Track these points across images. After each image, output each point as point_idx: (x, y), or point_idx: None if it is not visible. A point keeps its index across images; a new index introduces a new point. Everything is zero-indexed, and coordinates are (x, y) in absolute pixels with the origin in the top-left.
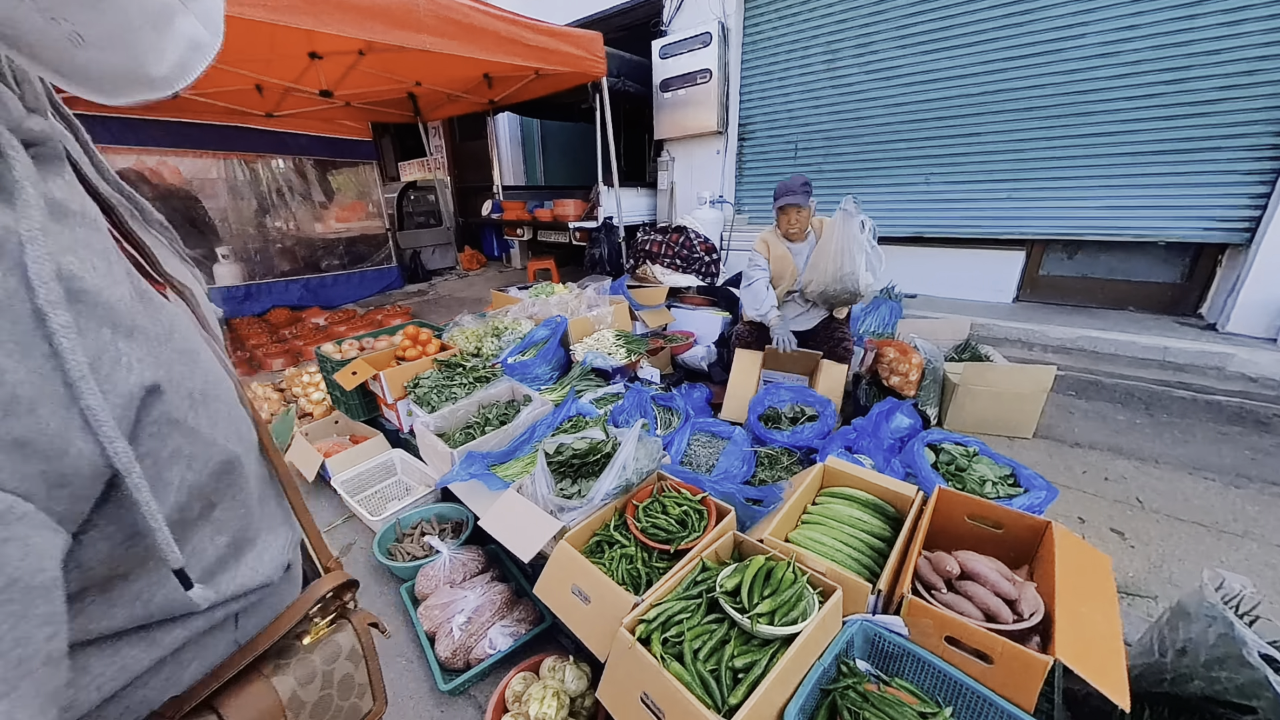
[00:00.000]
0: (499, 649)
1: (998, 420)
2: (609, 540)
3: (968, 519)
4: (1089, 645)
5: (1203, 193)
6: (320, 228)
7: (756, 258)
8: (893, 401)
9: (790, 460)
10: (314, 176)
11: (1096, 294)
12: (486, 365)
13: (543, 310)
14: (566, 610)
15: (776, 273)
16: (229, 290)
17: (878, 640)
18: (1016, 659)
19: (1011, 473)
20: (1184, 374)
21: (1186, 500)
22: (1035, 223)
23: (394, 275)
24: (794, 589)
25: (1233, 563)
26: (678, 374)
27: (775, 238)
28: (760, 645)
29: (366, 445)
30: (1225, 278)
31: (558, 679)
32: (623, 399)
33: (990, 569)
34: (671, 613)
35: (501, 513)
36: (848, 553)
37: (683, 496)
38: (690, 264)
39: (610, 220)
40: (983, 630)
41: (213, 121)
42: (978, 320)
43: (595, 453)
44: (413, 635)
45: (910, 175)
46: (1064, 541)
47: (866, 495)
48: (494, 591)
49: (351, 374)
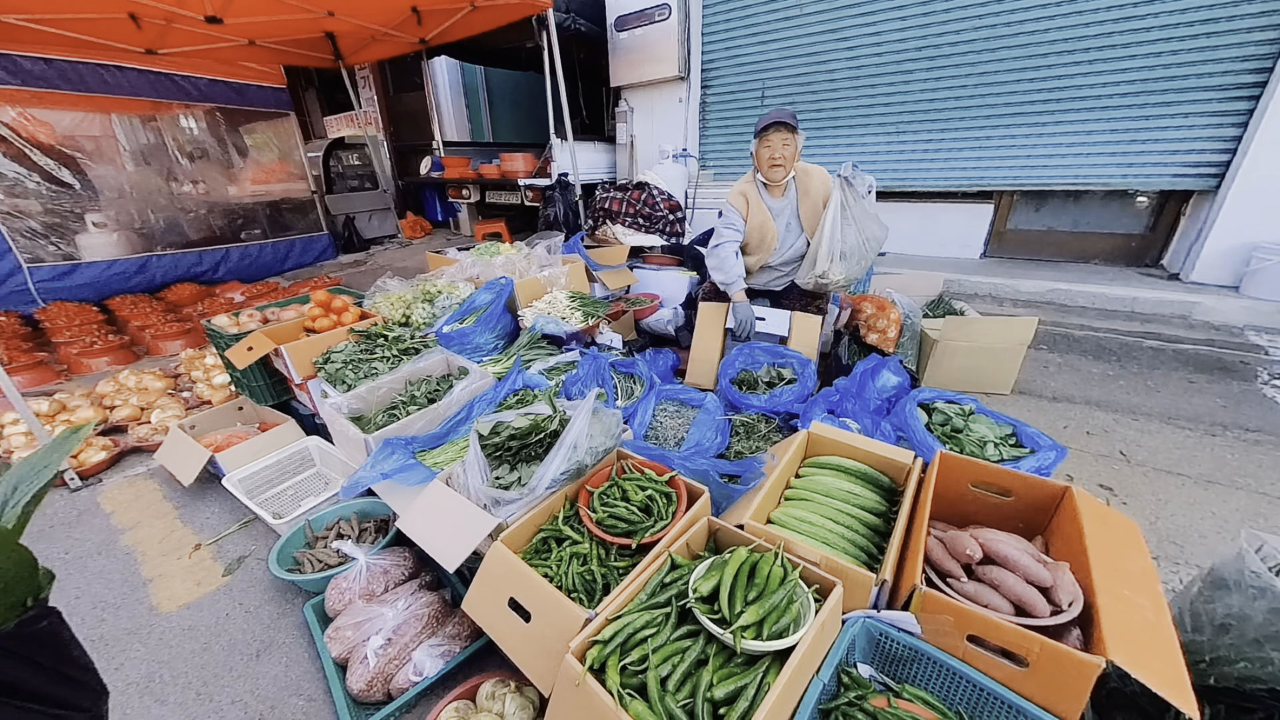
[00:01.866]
0: (426, 675)
1: (977, 377)
2: (558, 536)
3: (972, 486)
4: (1141, 639)
5: (1171, 137)
6: (234, 191)
7: (731, 215)
8: (878, 358)
9: (769, 427)
10: (222, 131)
11: (1062, 247)
12: (417, 335)
13: (486, 272)
14: (501, 631)
15: (754, 239)
16: (108, 265)
17: (884, 641)
18: (1059, 661)
19: (1013, 431)
20: (1151, 324)
21: (1168, 452)
22: (1003, 173)
23: (325, 244)
24: (785, 589)
25: (1224, 514)
26: (642, 340)
27: (756, 191)
28: (745, 663)
29: (273, 434)
30: (1189, 227)
31: (495, 713)
32: (578, 368)
33: (1019, 551)
34: (634, 629)
35: (425, 510)
36: (840, 533)
37: (647, 478)
38: (653, 223)
39: (565, 177)
40: (1016, 627)
41: (75, 58)
42: (949, 276)
43: (539, 431)
44: (317, 666)
45: (881, 126)
46: (1089, 509)
47: (857, 464)
48: (421, 603)
49: (246, 349)
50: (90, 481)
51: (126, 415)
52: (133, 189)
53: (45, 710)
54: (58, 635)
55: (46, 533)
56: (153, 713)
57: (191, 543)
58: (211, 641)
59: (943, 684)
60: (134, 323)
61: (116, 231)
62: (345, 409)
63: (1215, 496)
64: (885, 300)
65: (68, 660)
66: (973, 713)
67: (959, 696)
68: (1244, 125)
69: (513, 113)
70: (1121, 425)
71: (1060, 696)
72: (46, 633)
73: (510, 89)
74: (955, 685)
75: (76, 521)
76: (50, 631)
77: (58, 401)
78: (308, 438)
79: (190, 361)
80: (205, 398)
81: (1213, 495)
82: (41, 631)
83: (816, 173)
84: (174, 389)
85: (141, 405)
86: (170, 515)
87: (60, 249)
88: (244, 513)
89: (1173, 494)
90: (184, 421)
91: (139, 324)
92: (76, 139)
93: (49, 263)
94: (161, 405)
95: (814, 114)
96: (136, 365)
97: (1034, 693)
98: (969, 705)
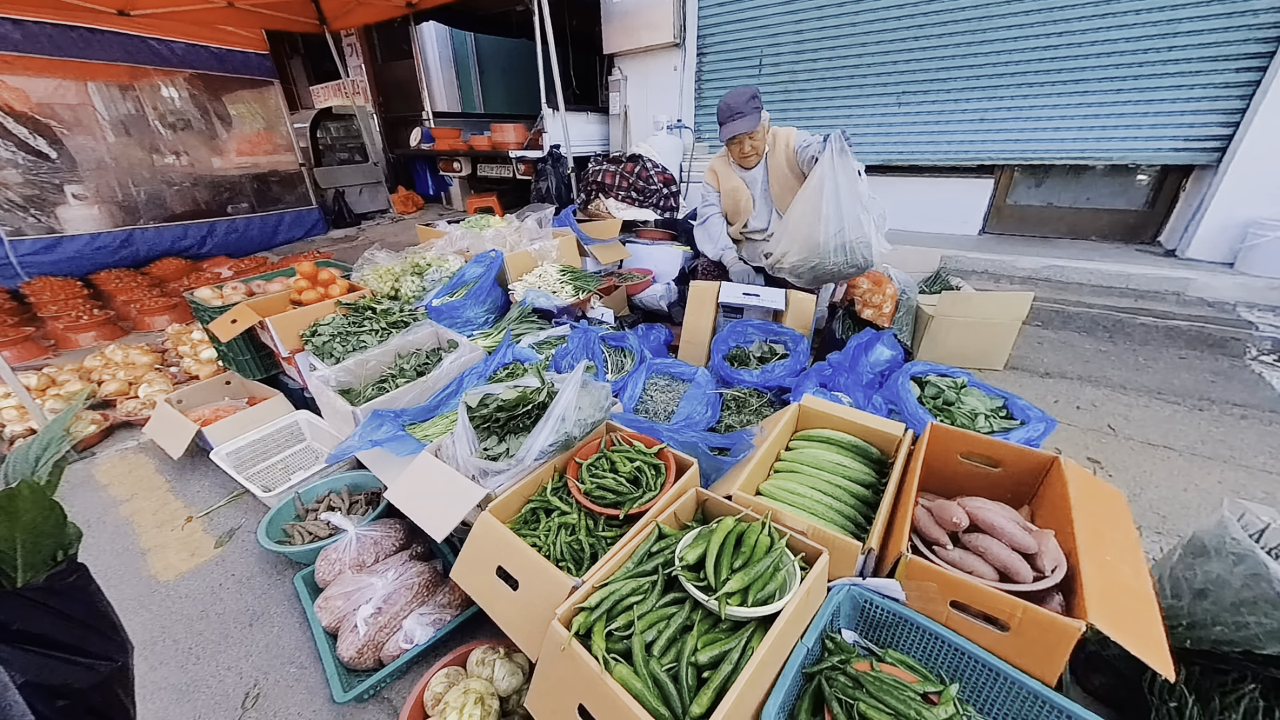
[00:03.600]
0: (416, 643)
1: (971, 352)
2: (546, 507)
3: (961, 458)
4: (1121, 604)
5: (1174, 109)
6: (219, 163)
7: (707, 191)
8: (872, 332)
9: (760, 402)
10: (204, 100)
11: (1061, 223)
12: (406, 309)
13: (475, 245)
14: (489, 598)
15: (729, 208)
16: (91, 239)
17: (869, 607)
18: (1040, 625)
19: (1003, 404)
20: (1145, 300)
21: (1156, 426)
22: (1005, 147)
23: (315, 219)
24: (770, 557)
25: (1207, 485)
26: (635, 315)
27: (726, 165)
28: (730, 629)
29: (261, 408)
30: (1188, 203)
31: (484, 677)
32: (568, 341)
33: (1005, 518)
34: (619, 596)
35: (413, 481)
36: (829, 504)
37: (636, 450)
38: (647, 196)
39: (557, 149)
40: (1000, 593)
41: (45, 19)
42: (946, 252)
43: (527, 403)
44: (309, 634)
45: (882, 97)
46: (1076, 478)
47: (847, 436)
48: (412, 573)
49: (230, 322)
50: (84, 455)
51: (115, 390)
52: (114, 160)
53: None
54: (86, 590)
55: None
56: (155, 675)
57: (184, 514)
58: (208, 609)
59: (925, 648)
60: (120, 298)
61: (98, 204)
62: (333, 382)
63: (1200, 469)
64: (882, 275)
65: (96, 614)
66: (954, 675)
67: (941, 660)
68: (1249, 98)
69: (504, 82)
70: (1111, 400)
71: (1040, 659)
72: (76, 587)
73: (501, 57)
74: (938, 649)
75: (73, 493)
76: (79, 586)
77: (46, 376)
78: (297, 411)
79: (177, 336)
80: (192, 373)
81: (1197, 468)
82: (71, 586)
83: (781, 139)
84: (161, 364)
85: (129, 380)
86: (163, 488)
87: (41, 222)
88: (234, 486)
89: (1158, 466)
90: (171, 396)
91: (125, 299)
92: (52, 107)
93: (31, 235)
94: (149, 380)
95: (814, 82)
96: (123, 340)
97: (1015, 656)
98: (950, 668)
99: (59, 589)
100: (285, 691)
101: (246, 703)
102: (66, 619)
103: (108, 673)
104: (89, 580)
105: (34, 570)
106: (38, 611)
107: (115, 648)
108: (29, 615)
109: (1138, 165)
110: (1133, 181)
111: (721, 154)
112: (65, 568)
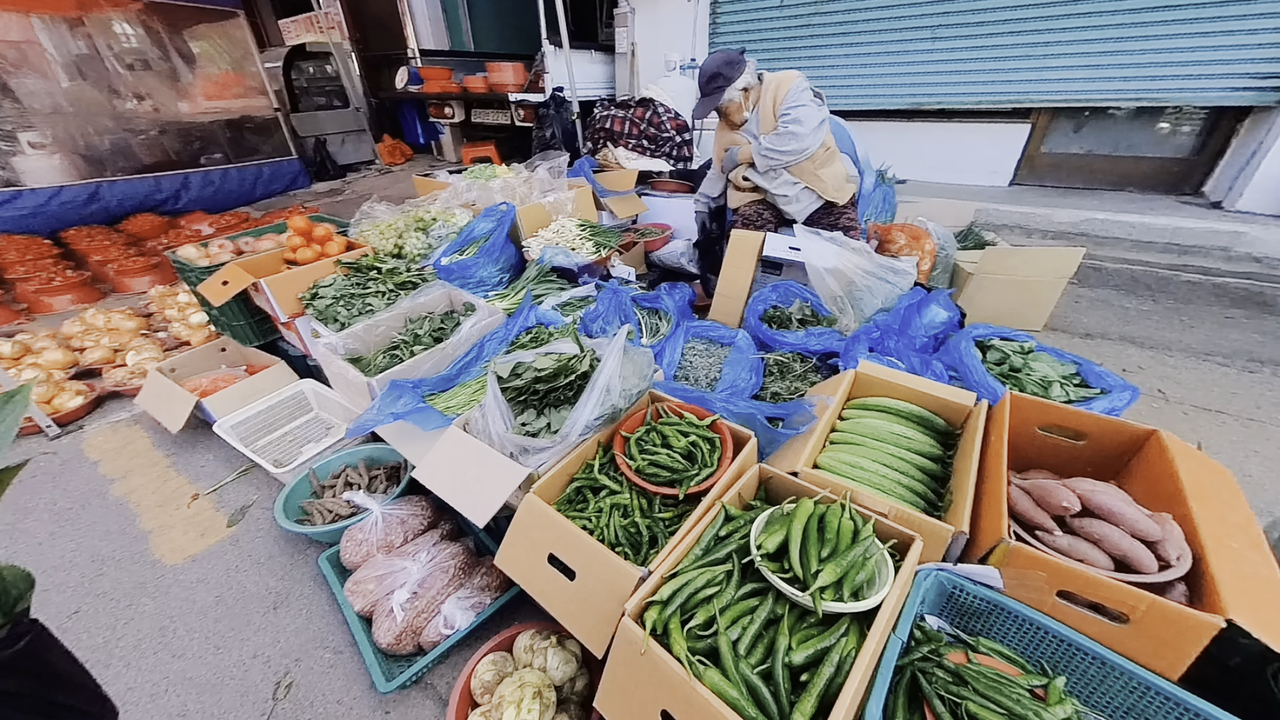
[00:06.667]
0: (458, 628)
1: (1010, 312)
2: (593, 485)
3: (1039, 430)
4: (1257, 596)
5: (1235, 43)
6: (186, 107)
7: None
8: (923, 291)
9: (804, 367)
10: (162, 36)
11: (1098, 173)
12: (412, 268)
13: (483, 198)
14: (543, 589)
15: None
16: (55, 193)
17: (957, 594)
18: (1168, 620)
19: (1077, 370)
20: (1189, 256)
21: (1206, 389)
22: (1046, 88)
23: (296, 171)
24: (860, 546)
25: (1269, 452)
26: (653, 274)
27: (721, 129)
28: (821, 624)
29: (262, 377)
30: (1239, 150)
31: (538, 668)
32: (595, 303)
33: (1125, 503)
34: (695, 588)
35: (444, 460)
36: (896, 479)
37: (687, 422)
38: (659, 145)
39: (560, 92)
40: (1123, 586)
41: None
42: (979, 205)
43: (568, 373)
44: (339, 618)
45: (913, 34)
46: (1182, 455)
47: (908, 405)
48: (445, 554)
49: (221, 284)
50: (70, 428)
51: (99, 358)
52: (70, 104)
53: None
54: (40, 657)
55: (29, 483)
56: (171, 668)
57: (188, 492)
58: (224, 594)
59: (1022, 638)
60: (94, 257)
61: (58, 154)
62: (342, 349)
63: (1258, 435)
64: (920, 230)
65: (56, 686)
66: (1056, 667)
67: (1042, 651)
68: None
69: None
70: (1157, 362)
71: (1163, 654)
72: (24, 655)
73: None
74: (1037, 639)
75: (61, 471)
76: (31, 653)
77: (21, 343)
78: (301, 380)
79: (162, 299)
80: (183, 338)
81: (1255, 433)
82: (16, 656)
83: (771, 88)
84: (147, 329)
85: (114, 347)
86: (162, 464)
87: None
88: (240, 460)
89: (1214, 433)
90: (163, 364)
91: (100, 259)
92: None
93: None
94: (136, 347)
95: (838, 19)
96: (103, 304)
97: (1132, 649)
98: (1052, 660)
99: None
100: (320, 679)
101: (278, 692)
102: (13, 700)
103: None
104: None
105: None
106: None
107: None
108: None
109: (1194, 109)
110: (1180, 126)
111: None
112: (7, 634)
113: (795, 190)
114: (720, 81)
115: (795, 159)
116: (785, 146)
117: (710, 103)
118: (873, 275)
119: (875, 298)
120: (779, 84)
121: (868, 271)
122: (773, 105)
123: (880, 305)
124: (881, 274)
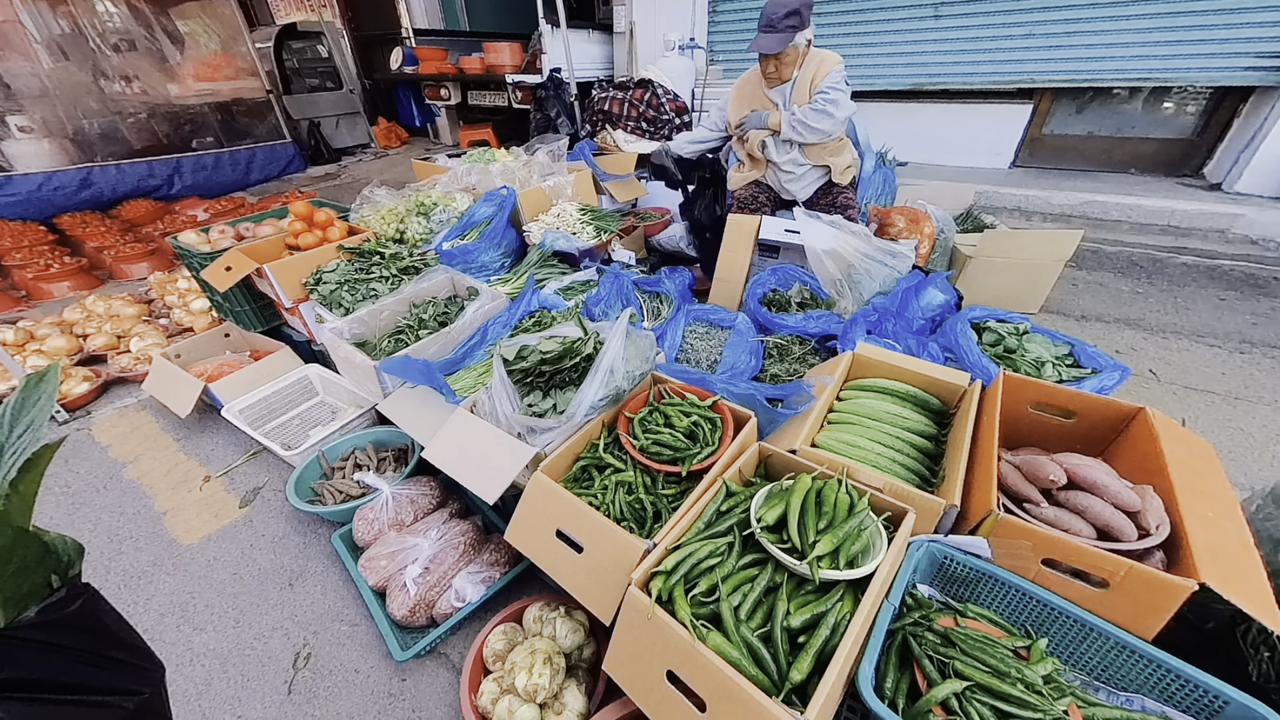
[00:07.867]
0: (469, 600)
1: (1007, 295)
2: (598, 464)
3: (1031, 409)
4: (1229, 562)
5: (1240, 21)
6: (176, 90)
7: (715, 115)
8: (920, 275)
9: (803, 350)
10: (148, 14)
11: (1099, 155)
12: (414, 253)
13: (483, 182)
14: (552, 562)
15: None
16: (46, 178)
17: (948, 563)
18: (1146, 584)
19: (1069, 351)
20: (1186, 239)
21: (1198, 370)
22: (1050, 68)
23: (290, 155)
24: (855, 518)
25: (1252, 429)
26: (653, 259)
27: (755, 85)
28: (818, 591)
29: (267, 362)
30: (1241, 131)
31: (547, 636)
32: (597, 287)
33: (1108, 475)
34: (698, 559)
35: (453, 441)
36: (891, 457)
37: (689, 403)
38: (658, 127)
39: (558, 73)
40: (1104, 553)
41: None
42: (979, 188)
43: (573, 355)
44: (353, 593)
45: (915, 12)
46: (1166, 431)
47: (904, 386)
48: (455, 531)
49: (224, 270)
50: (78, 414)
51: (103, 344)
52: (55, 87)
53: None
54: (92, 616)
55: None
56: (194, 641)
57: (199, 475)
58: (240, 571)
59: (1007, 603)
60: (90, 243)
61: (47, 138)
62: (347, 334)
63: (1244, 413)
64: (919, 212)
65: (110, 642)
66: (1039, 630)
67: (1026, 615)
68: None
69: None
70: (1150, 344)
71: (1140, 616)
72: (79, 615)
73: None
74: (1022, 604)
75: (73, 455)
76: (85, 613)
77: (24, 330)
78: (307, 365)
79: (162, 285)
80: (185, 324)
81: (1241, 412)
82: (73, 615)
83: (813, 65)
84: (149, 315)
85: (117, 333)
86: (172, 447)
87: None
88: (249, 443)
89: (1202, 412)
90: (168, 350)
91: (96, 245)
92: None
93: None
94: (139, 333)
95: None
96: (102, 290)
97: (1111, 612)
98: (1035, 623)
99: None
100: (338, 650)
101: (298, 663)
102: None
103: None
104: (98, 603)
105: (19, 605)
106: (31, 652)
107: (137, 677)
108: (20, 658)
109: (1197, 89)
110: (1183, 107)
111: (753, 71)
112: (65, 595)
113: (801, 169)
114: (796, 21)
115: (820, 139)
116: (818, 124)
117: (783, 40)
118: (871, 258)
119: (874, 281)
120: (823, 60)
121: (866, 255)
122: (811, 80)
123: (878, 288)
124: (880, 257)
